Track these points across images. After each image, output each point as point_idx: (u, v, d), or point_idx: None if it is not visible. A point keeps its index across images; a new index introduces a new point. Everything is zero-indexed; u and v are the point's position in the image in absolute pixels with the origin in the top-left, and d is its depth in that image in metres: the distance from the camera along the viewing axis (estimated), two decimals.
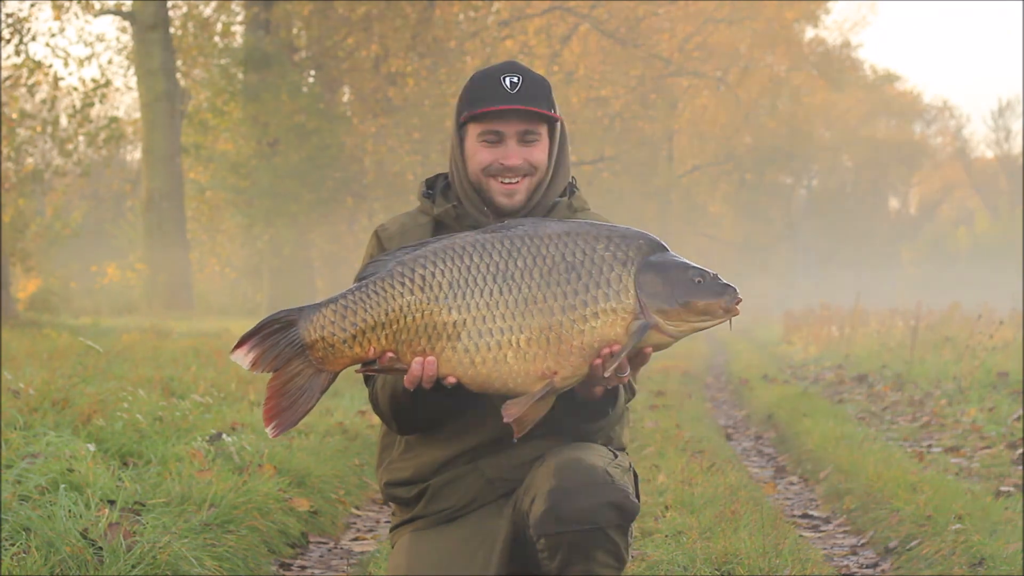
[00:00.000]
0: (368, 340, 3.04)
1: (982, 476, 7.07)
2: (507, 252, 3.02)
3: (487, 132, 3.25)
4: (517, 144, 3.25)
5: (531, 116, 3.24)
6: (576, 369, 3.00)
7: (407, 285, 3.03)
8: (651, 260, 3.02)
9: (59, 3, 23.84)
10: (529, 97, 3.23)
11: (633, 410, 10.53)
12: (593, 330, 2.98)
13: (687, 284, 3.00)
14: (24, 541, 4.24)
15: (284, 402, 3.06)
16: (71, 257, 33.73)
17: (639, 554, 4.97)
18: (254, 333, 3.06)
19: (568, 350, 2.98)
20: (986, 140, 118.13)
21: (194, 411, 7.35)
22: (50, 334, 14.61)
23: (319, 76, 30.35)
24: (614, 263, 3.00)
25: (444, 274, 3.02)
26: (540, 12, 33.57)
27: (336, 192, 30.10)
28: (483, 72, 3.29)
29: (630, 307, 2.99)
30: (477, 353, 2.99)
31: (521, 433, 3.04)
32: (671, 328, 3.00)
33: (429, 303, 3.01)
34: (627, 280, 2.99)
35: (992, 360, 13.27)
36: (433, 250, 3.04)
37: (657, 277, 3.00)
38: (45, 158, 22.53)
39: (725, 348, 25.56)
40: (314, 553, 5.51)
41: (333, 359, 3.06)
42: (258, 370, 3.05)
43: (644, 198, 47.17)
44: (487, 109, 3.22)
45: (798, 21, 48.83)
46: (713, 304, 3.00)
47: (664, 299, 2.99)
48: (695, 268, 3.03)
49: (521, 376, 2.99)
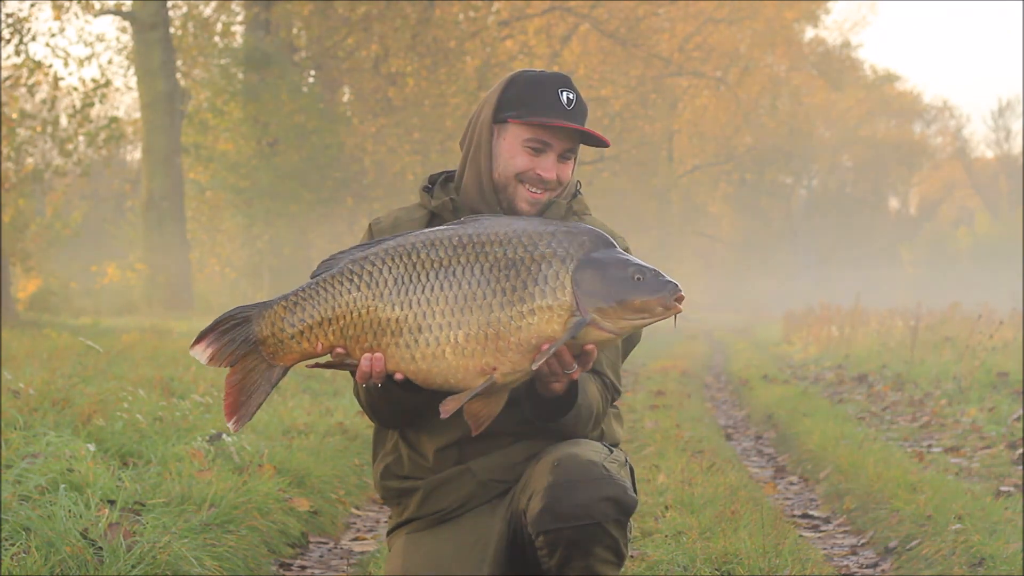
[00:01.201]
0: (316, 336, 3.09)
1: (982, 476, 7.07)
2: (452, 250, 3.05)
3: (535, 140, 3.26)
4: (556, 159, 3.28)
5: (576, 136, 3.28)
6: (515, 365, 3.01)
7: (354, 282, 3.07)
8: (591, 257, 3.02)
9: (59, 3, 23.83)
10: (581, 116, 3.28)
11: (633, 410, 10.53)
12: (530, 327, 2.99)
13: (624, 281, 2.99)
14: (24, 541, 4.24)
15: (241, 397, 3.13)
16: (71, 257, 33.74)
17: (639, 554, 4.97)
18: (211, 330, 3.12)
19: (506, 346, 3.00)
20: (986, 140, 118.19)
21: (194, 411, 7.35)
22: (50, 334, 14.61)
23: (319, 76, 30.35)
24: (553, 260, 3.02)
25: (391, 271, 3.06)
26: (540, 12, 33.56)
27: (336, 192, 30.10)
28: (535, 78, 3.29)
29: (566, 304, 2.99)
30: (417, 349, 3.03)
31: (479, 429, 3.07)
32: (608, 325, 3.00)
33: (374, 299, 3.06)
34: (564, 277, 3.00)
35: (992, 360, 13.27)
36: (385, 248, 3.09)
37: (595, 274, 3.00)
38: (45, 158, 22.53)
39: (725, 348, 25.57)
40: (314, 553, 5.51)
41: (283, 354, 3.12)
42: (215, 365, 3.12)
43: (644, 198, 47.18)
44: (549, 122, 3.23)
45: (798, 21, 48.87)
46: (651, 301, 2.99)
47: (600, 297, 2.98)
48: (635, 265, 3.01)
49: (461, 372, 3.02)
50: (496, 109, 3.29)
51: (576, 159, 3.35)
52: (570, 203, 3.36)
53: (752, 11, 44.52)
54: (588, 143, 3.33)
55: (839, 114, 68.77)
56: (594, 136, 3.28)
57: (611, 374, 3.35)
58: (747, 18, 44.85)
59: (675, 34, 41.30)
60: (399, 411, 3.26)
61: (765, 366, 17.87)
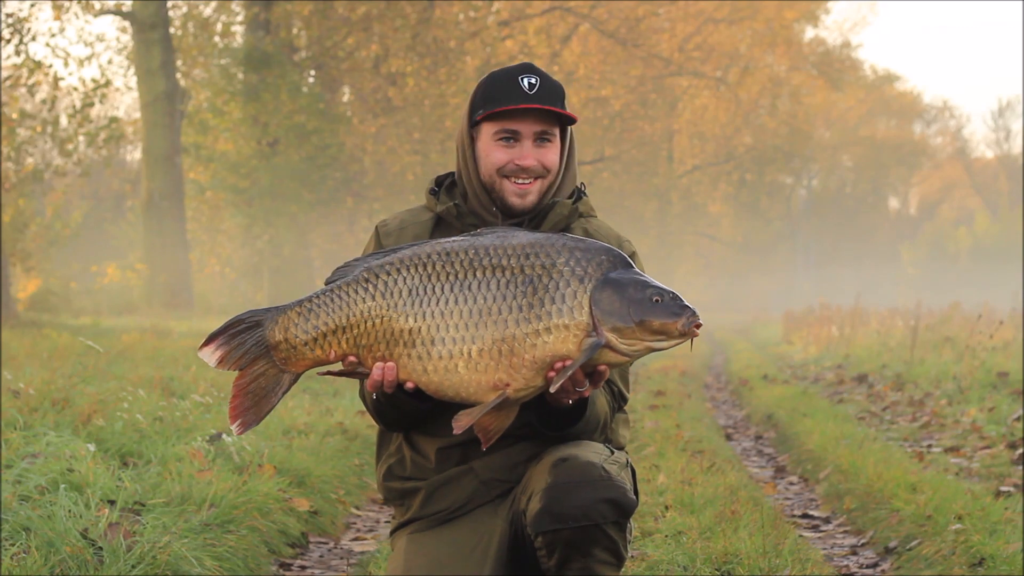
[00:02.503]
0: (329, 343, 3.07)
1: (982, 476, 7.07)
2: (469, 262, 3.02)
3: (503, 131, 3.25)
4: (532, 145, 3.25)
5: (548, 117, 3.25)
6: (528, 382, 2.99)
7: (369, 291, 3.05)
8: (610, 277, 2.99)
9: (59, 3, 23.83)
10: (547, 98, 3.24)
11: (633, 410, 10.53)
12: (545, 345, 2.97)
13: (644, 303, 2.96)
14: (24, 541, 4.24)
15: (248, 401, 3.10)
16: (71, 257, 33.76)
17: (639, 554, 4.97)
18: (221, 332, 3.09)
19: (520, 363, 2.98)
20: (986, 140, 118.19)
21: (194, 411, 7.35)
22: (50, 334, 14.61)
23: (319, 76, 30.35)
24: (571, 278, 2.99)
25: (406, 281, 3.04)
26: (540, 12, 33.56)
27: (336, 192, 30.11)
28: (499, 72, 3.29)
29: (583, 324, 2.97)
30: (429, 361, 3.01)
31: (489, 442, 3.05)
32: (624, 347, 2.97)
33: (388, 309, 3.04)
34: (582, 296, 2.98)
35: (992, 360, 13.27)
36: (400, 257, 3.06)
37: (614, 294, 2.97)
38: (45, 158, 22.54)
39: (725, 348, 25.57)
40: (314, 553, 5.51)
41: (295, 360, 3.10)
42: (224, 367, 3.09)
43: (644, 198, 47.18)
44: (506, 108, 3.22)
45: (798, 21, 48.84)
46: (669, 324, 2.96)
47: (619, 317, 2.95)
48: (654, 287, 2.99)
49: (473, 386, 3.00)
50: (470, 113, 3.30)
51: (566, 143, 3.30)
52: (575, 204, 3.34)
53: (752, 11, 44.51)
54: (564, 122, 3.29)
55: (839, 114, 68.77)
56: (566, 114, 3.24)
57: (620, 383, 3.35)
58: (747, 18, 44.85)
59: (675, 34, 41.30)
60: (406, 417, 3.26)
61: (765, 366, 17.88)
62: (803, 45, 51.15)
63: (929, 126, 78.80)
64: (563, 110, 3.24)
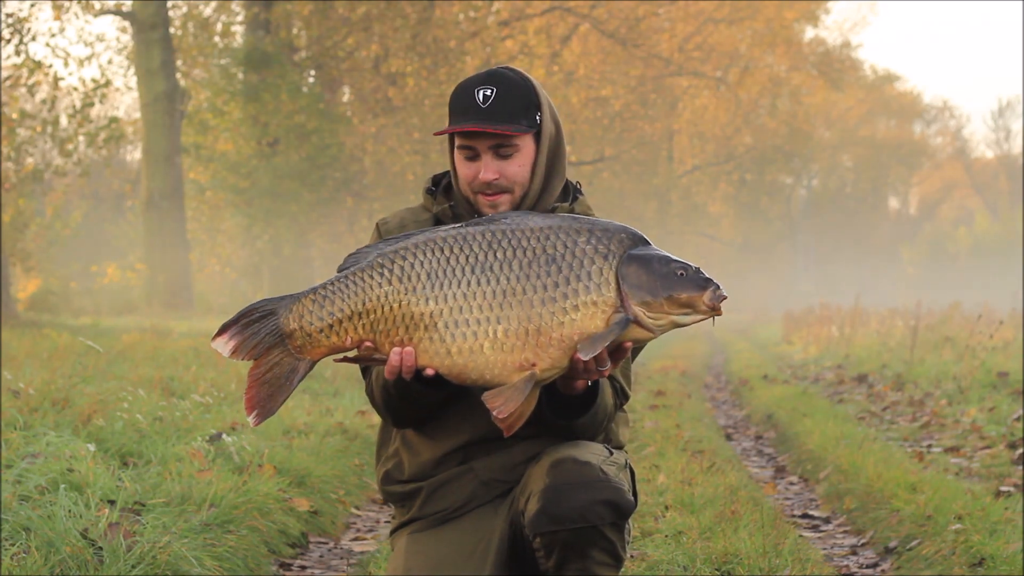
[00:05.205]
0: (345, 330, 3.05)
1: (982, 476, 7.07)
2: (487, 244, 3.02)
3: (464, 147, 3.22)
4: (492, 158, 3.20)
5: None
6: (556, 361, 2.99)
7: (385, 276, 3.03)
8: (633, 253, 3.01)
9: (59, 3, 23.83)
10: (499, 112, 3.16)
11: (633, 410, 10.53)
12: (573, 322, 2.97)
13: (670, 276, 2.98)
14: (24, 541, 4.24)
15: (264, 391, 3.08)
16: (71, 257, 33.76)
17: (639, 554, 4.97)
18: (235, 321, 3.06)
19: (547, 342, 2.98)
20: (986, 140, 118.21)
21: (194, 411, 7.35)
22: (50, 334, 14.61)
23: (319, 76, 30.35)
24: (595, 256, 3.00)
25: (423, 265, 3.02)
26: (540, 12, 33.56)
27: (336, 192, 30.11)
28: (463, 83, 3.24)
29: (611, 300, 2.98)
30: (453, 343, 2.99)
31: (512, 430, 3.02)
32: (650, 322, 2.98)
33: (406, 293, 3.02)
34: (608, 273, 2.99)
35: (992, 360, 13.27)
36: (415, 242, 3.05)
37: (640, 269, 2.98)
38: (45, 158, 22.54)
39: (725, 348, 25.57)
40: (314, 553, 5.51)
41: (311, 348, 3.07)
42: (238, 358, 3.06)
43: (644, 198, 47.19)
44: (456, 129, 3.19)
45: (798, 21, 48.80)
46: (696, 297, 2.98)
47: (647, 291, 2.97)
48: (678, 261, 3.01)
49: (498, 367, 2.99)
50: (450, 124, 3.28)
51: (541, 145, 3.22)
52: (571, 207, 3.32)
53: (752, 11, 44.48)
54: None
55: (839, 114, 68.78)
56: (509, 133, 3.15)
57: (622, 379, 3.35)
58: (747, 18, 44.82)
59: (675, 34, 41.28)
60: (416, 410, 3.23)
61: (765, 366, 17.88)
62: (803, 45, 51.11)
63: (929, 126, 78.85)
64: (509, 128, 3.16)
